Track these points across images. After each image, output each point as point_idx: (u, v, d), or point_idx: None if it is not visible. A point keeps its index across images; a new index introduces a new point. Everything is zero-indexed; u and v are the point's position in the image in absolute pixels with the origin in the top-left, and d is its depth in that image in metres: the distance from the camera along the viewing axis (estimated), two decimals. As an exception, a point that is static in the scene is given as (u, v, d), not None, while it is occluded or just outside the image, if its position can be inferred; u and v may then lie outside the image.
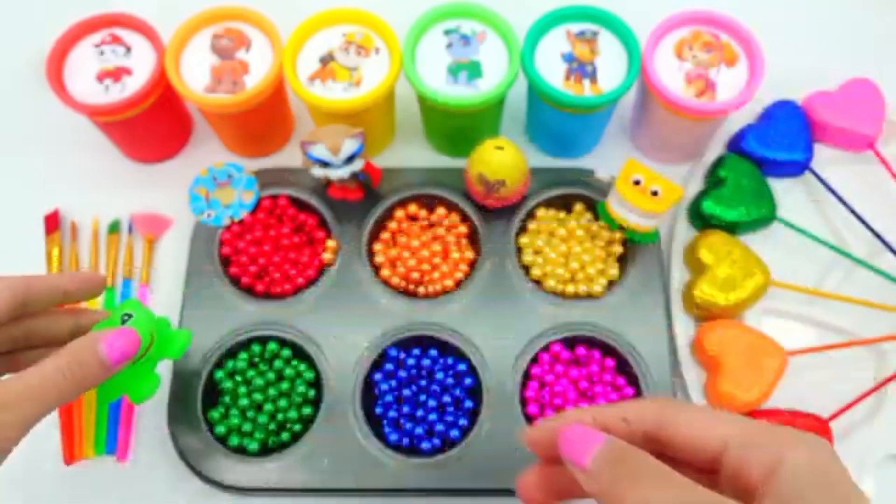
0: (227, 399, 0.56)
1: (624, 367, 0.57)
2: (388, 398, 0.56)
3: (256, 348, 0.57)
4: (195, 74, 0.58)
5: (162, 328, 0.47)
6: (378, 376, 0.56)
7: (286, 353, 0.57)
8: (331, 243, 0.60)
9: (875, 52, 0.71)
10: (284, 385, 0.56)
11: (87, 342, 0.40)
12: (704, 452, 0.32)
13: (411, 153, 0.67)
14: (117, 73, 0.59)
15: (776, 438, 0.31)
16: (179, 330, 0.48)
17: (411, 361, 0.56)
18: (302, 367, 0.57)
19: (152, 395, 0.45)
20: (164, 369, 0.57)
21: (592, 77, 0.58)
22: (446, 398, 0.56)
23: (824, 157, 0.65)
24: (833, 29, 0.73)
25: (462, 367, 0.56)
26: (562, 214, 0.62)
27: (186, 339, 0.48)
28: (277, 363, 0.57)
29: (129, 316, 0.44)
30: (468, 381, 0.56)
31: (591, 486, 0.33)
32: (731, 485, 0.32)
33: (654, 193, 0.56)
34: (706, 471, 0.33)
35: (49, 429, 0.57)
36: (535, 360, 0.57)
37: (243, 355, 0.57)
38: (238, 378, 0.56)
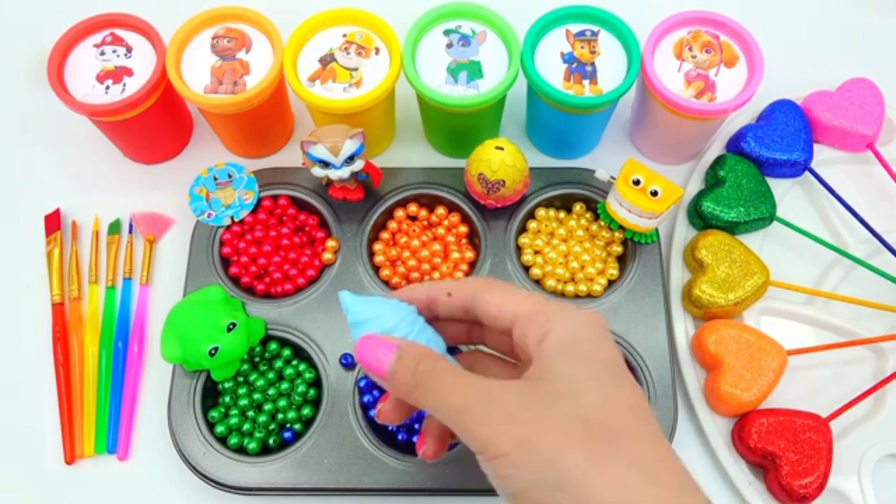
0: (227, 399, 0.56)
1: (624, 367, 0.57)
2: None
3: (257, 348, 0.57)
4: (196, 75, 0.59)
5: (253, 324, 0.56)
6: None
7: (286, 353, 0.57)
8: (331, 243, 0.60)
9: (874, 52, 0.72)
10: (284, 385, 0.56)
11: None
12: (503, 323, 0.39)
13: (411, 153, 0.67)
14: (118, 74, 0.59)
15: (547, 315, 0.37)
16: (257, 319, 0.57)
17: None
18: (302, 367, 0.57)
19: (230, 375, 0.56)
20: (165, 369, 0.57)
21: (592, 77, 0.58)
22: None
23: (823, 156, 0.65)
24: (832, 29, 0.73)
25: (462, 366, 0.56)
26: (562, 214, 0.62)
27: (262, 327, 0.57)
28: (277, 363, 0.57)
29: (234, 324, 0.53)
30: (468, 380, 0.56)
31: (397, 392, 0.38)
32: (520, 350, 0.38)
33: (654, 193, 0.56)
34: (509, 334, 0.39)
35: (49, 428, 0.57)
36: (534, 360, 0.57)
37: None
38: (238, 378, 0.56)
